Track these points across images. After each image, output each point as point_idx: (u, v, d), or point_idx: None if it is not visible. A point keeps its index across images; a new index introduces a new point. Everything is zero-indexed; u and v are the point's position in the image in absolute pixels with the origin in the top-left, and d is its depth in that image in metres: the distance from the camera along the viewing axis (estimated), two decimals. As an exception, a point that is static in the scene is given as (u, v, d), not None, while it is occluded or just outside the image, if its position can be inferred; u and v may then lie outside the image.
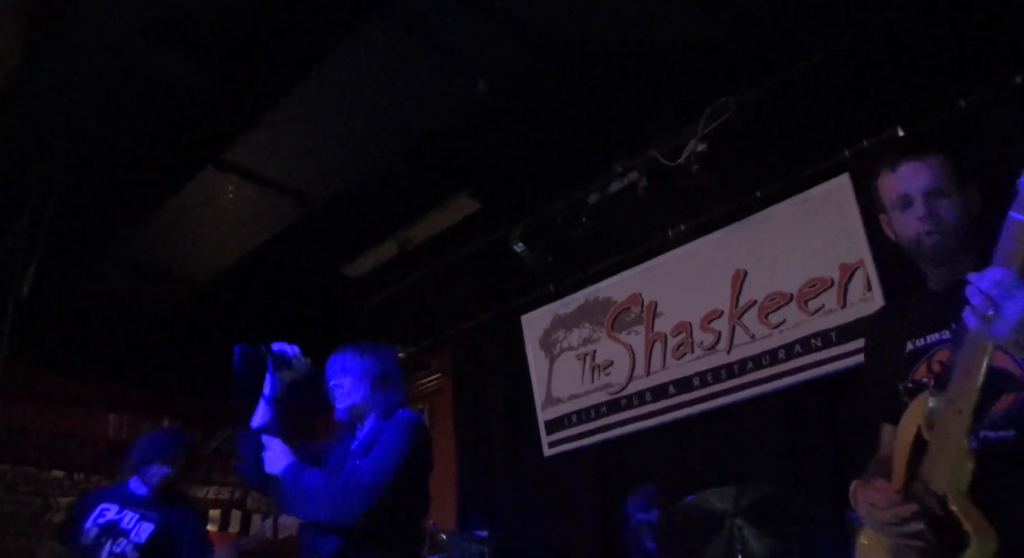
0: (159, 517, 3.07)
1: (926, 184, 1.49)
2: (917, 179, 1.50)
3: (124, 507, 3.09)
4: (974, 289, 1.16)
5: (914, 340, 1.50)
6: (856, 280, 3.09)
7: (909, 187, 1.50)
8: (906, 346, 1.51)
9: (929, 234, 1.47)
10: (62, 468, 4.72)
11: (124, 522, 3.04)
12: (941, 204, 1.48)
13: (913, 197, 1.49)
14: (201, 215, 3.83)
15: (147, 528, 3.04)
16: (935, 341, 1.47)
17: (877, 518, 1.32)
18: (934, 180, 1.49)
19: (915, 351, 1.49)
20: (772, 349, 3.30)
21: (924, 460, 1.28)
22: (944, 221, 1.47)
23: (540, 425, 4.14)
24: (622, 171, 3.70)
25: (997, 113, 2.69)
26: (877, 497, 1.33)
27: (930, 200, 1.48)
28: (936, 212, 1.47)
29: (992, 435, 1.30)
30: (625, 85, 3.44)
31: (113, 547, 2.98)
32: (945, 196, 1.48)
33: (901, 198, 1.51)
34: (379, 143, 3.53)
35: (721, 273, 3.53)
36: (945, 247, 1.48)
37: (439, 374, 4.96)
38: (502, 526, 4.02)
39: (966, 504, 1.21)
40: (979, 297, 1.15)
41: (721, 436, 3.40)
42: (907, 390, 1.48)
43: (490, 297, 4.56)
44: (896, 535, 1.29)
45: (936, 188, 1.48)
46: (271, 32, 3.02)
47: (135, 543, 3.00)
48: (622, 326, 3.93)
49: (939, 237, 1.47)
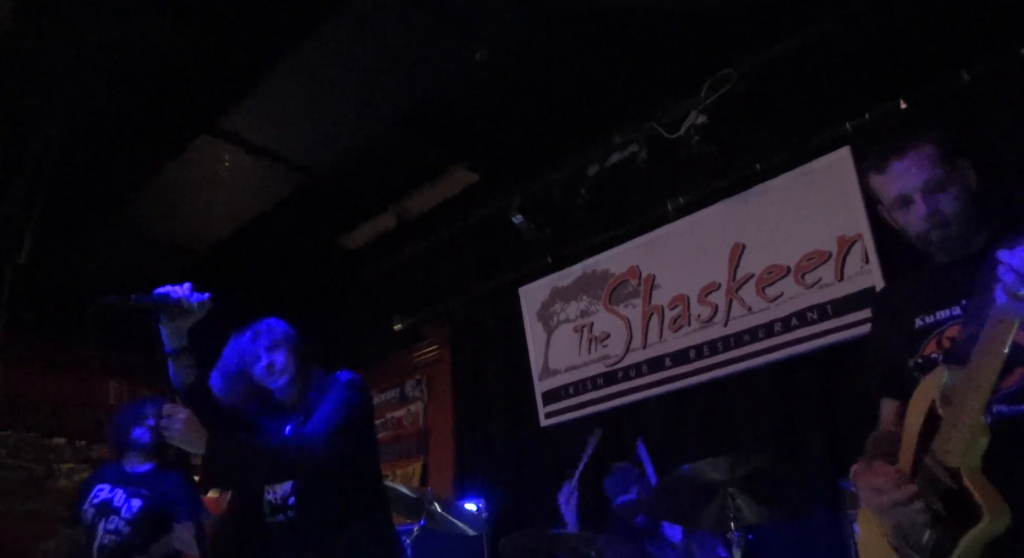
0: (147, 491, 3.19)
1: (922, 182, 1.45)
2: (911, 177, 1.46)
3: (115, 486, 3.22)
4: (1006, 267, 1.13)
5: (923, 316, 1.49)
6: (854, 253, 3.09)
7: (905, 187, 1.47)
8: (915, 322, 1.50)
9: (935, 228, 1.45)
10: (64, 435, 4.77)
11: (115, 500, 3.18)
12: (941, 198, 1.44)
13: (911, 196, 1.46)
14: (198, 184, 3.81)
15: (136, 503, 3.16)
16: (945, 317, 1.46)
17: (880, 501, 1.33)
18: (928, 176, 1.45)
19: (924, 327, 1.49)
20: (768, 322, 3.31)
21: (937, 435, 1.28)
22: (948, 214, 1.44)
23: (537, 396, 4.17)
24: (621, 143, 3.68)
25: (1001, 85, 2.67)
26: (880, 481, 1.33)
27: (929, 197, 1.45)
28: (938, 208, 1.44)
29: (1005, 409, 1.30)
30: (625, 56, 3.40)
31: (107, 525, 3.12)
32: (943, 188, 1.45)
33: (899, 198, 1.48)
34: (376, 113, 3.50)
35: (719, 246, 3.53)
36: (954, 237, 1.46)
37: (437, 346, 4.99)
38: (499, 495, 4.07)
39: (979, 479, 1.21)
40: (1011, 275, 1.12)
41: (717, 407, 3.44)
42: (917, 366, 1.47)
43: (488, 269, 4.56)
44: (900, 516, 1.30)
45: (932, 183, 1.45)
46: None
47: (127, 518, 3.13)
48: (620, 298, 3.94)
49: (945, 231, 1.45)
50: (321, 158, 3.79)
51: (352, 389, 2.12)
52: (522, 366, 4.28)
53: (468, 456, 4.48)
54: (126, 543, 3.06)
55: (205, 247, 4.42)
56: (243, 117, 3.41)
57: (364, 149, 3.85)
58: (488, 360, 4.54)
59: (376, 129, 3.66)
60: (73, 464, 4.76)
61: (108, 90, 3.29)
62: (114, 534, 3.10)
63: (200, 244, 4.38)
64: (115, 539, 3.08)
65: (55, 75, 3.22)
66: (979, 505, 1.18)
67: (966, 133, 2.65)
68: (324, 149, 3.70)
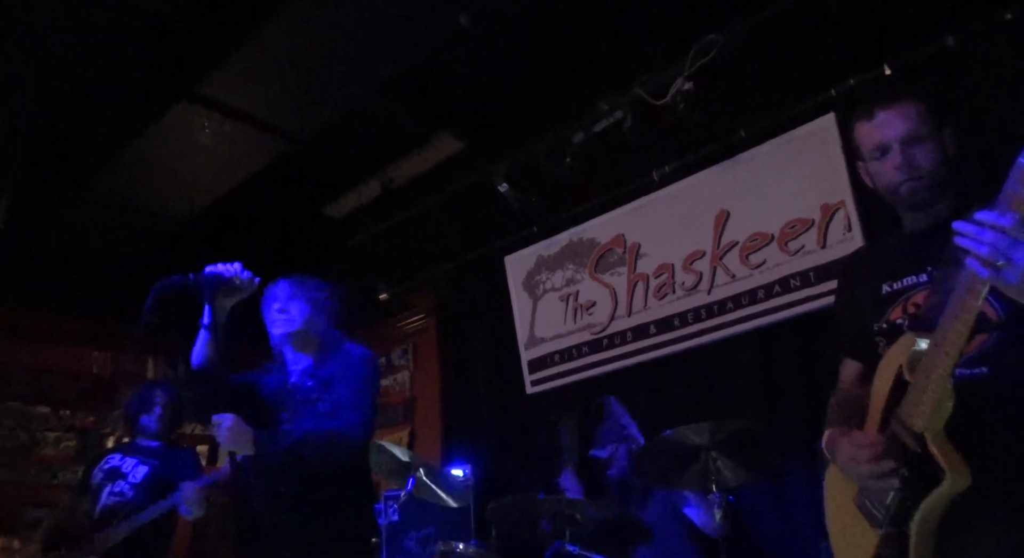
0: (157, 461, 3.32)
1: (903, 132, 1.49)
2: (893, 127, 1.49)
3: (127, 456, 3.36)
4: (977, 239, 1.15)
5: (890, 282, 1.52)
6: (836, 221, 3.11)
7: (885, 136, 1.50)
8: (882, 288, 1.53)
9: (907, 181, 1.48)
10: (48, 404, 4.76)
11: (124, 467, 3.31)
12: (917, 151, 1.48)
13: (890, 146, 1.50)
14: (178, 151, 3.75)
15: (143, 469, 3.29)
16: (911, 283, 1.49)
17: (859, 471, 1.36)
18: (911, 127, 1.48)
19: (891, 293, 1.51)
20: (752, 289, 3.34)
21: (904, 400, 1.31)
22: (921, 168, 1.48)
23: (523, 364, 4.20)
24: (607, 110, 3.65)
25: (985, 51, 2.67)
26: (860, 452, 1.36)
27: (907, 148, 1.48)
28: (913, 160, 1.48)
29: (966, 372, 1.33)
30: (611, 21, 3.36)
31: (112, 488, 3.23)
32: (922, 143, 1.48)
33: (878, 147, 1.51)
34: (359, 78, 3.45)
35: (704, 214, 3.54)
36: (922, 193, 1.49)
37: (423, 314, 5.00)
38: (485, 462, 4.12)
39: (943, 442, 1.24)
40: (986, 247, 1.14)
41: (700, 373, 3.48)
42: (881, 330, 1.51)
43: (474, 238, 4.55)
44: (874, 485, 1.34)
45: (913, 135, 1.48)
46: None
47: (132, 483, 3.24)
48: (605, 267, 3.95)
49: (916, 184, 1.48)
50: (303, 125, 3.74)
51: (372, 368, 2.18)
52: (508, 335, 4.30)
53: (454, 424, 4.52)
54: (127, 504, 3.16)
55: (187, 215, 4.37)
56: (222, 83, 3.35)
57: (347, 116, 3.80)
58: (474, 329, 4.56)
59: (359, 96, 3.61)
60: (59, 432, 4.76)
61: (83, 55, 3.22)
62: (118, 495, 3.21)
63: (182, 212, 4.33)
64: (118, 499, 3.19)
65: (28, 39, 3.14)
66: (942, 468, 1.22)
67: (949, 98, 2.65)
68: (306, 116, 3.65)
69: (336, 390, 2.10)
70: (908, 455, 1.28)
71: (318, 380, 2.14)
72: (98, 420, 4.88)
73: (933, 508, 1.23)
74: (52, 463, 4.70)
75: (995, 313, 1.35)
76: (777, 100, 3.26)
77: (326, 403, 2.10)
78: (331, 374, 2.14)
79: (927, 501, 1.23)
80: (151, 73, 3.33)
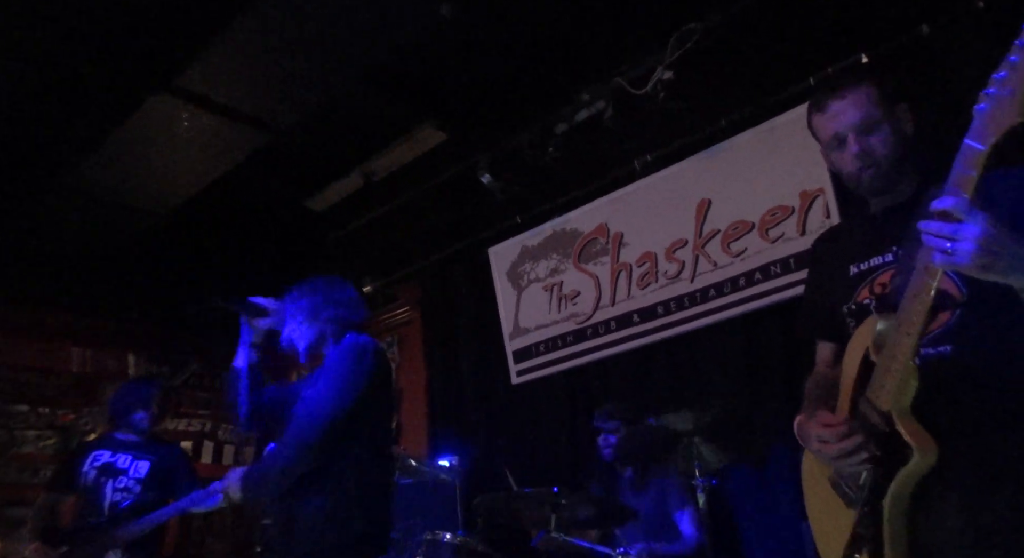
0: (153, 456, 3.33)
1: (855, 121, 1.50)
2: (846, 117, 1.50)
3: (116, 452, 3.32)
4: (928, 227, 1.16)
5: (857, 263, 1.54)
6: (816, 208, 3.15)
7: (840, 126, 1.51)
8: (849, 269, 1.55)
9: (866, 170, 1.50)
10: (27, 402, 4.71)
11: (120, 463, 3.29)
12: (872, 138, 1.49)
13: (845, 135, 1.51)
14: (157, 144, 3.69)
15: (144, 465, 3.30)
16: (878, 264, 1.51)
17: (827, 452, 1.37)
18: (863, 115, 1.49)
19: (858, 274, 1.53)
20: (734, 277, 3.37)
21: (871, 381, 1.33)
22: (877, 155, 1.49)
23: (508, 355, 4.21)
24: (589, 100, 3.66)
25: (960, 39, 2.70)
26: (825, 433, 1.37)
27: (862, 137, 1.49)
28: (869, 148, 1.49)
29: (931, 351, 1.36)
30: (592, 11, 3.35)
31: (115, 484, 3.22)
32: (876, 129, 1.49)
33: (834, 138, 1.52)
34: (339, 69, 3.41)
35: (686, 203, 3.57)
36: (882, 178, 1.50)
37: (408, 306, 4.99)
38: (471, 452, 4.14)
39: (909, 420, 1.26)
40: (933, 236, 1.15)
41: (682, 359, 3.51)
42: (850, 311, 1.53)
43: (457, 229, 4.55)
44: (845, 465, 1.35)
45: (866, 123, 1.49)
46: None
47: (136, 478, 3.26)
48: (589, 257, 3.97)
49: (875, 170, 1.49)
50: (283, 117, 3.70)
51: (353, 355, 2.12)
52: (493, 325, 4.31)
53: (440, 415, 4.54)
54: (141, 501, 3.18)
55: (166, 209, 4.32)
56: (200, 74, 3.30)
57: (328, 108, 3.77)
58: (459, 320, 4.57)
59: (339, 86, 3.58)
60: (39, 430, 4.71)
61: (58, 44, 3.16)
62: (125, 492, 3.20)
63: (161, 206, 4.27)
64: (127, 496, 3.19)
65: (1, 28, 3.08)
66: (909, 446, 1.24)
67: (925, 85, 2.69)
68: (286, 107, 3.61)
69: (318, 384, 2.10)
70: (877, 435, 1.30)
71: (315, 378, 2.17)
72: (78, 417, 4.84)
73: (904, 485, 1.25)
74: (32, 461, 4.64)
75: (958, 290, 1.37)
76: (757, 89, 3.29)
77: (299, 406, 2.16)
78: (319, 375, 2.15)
79: (897, 479, 1.25)
80: (128, 63, 3.27)
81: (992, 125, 1.12)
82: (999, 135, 1.12)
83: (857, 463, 1.33)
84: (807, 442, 1.45)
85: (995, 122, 1.12)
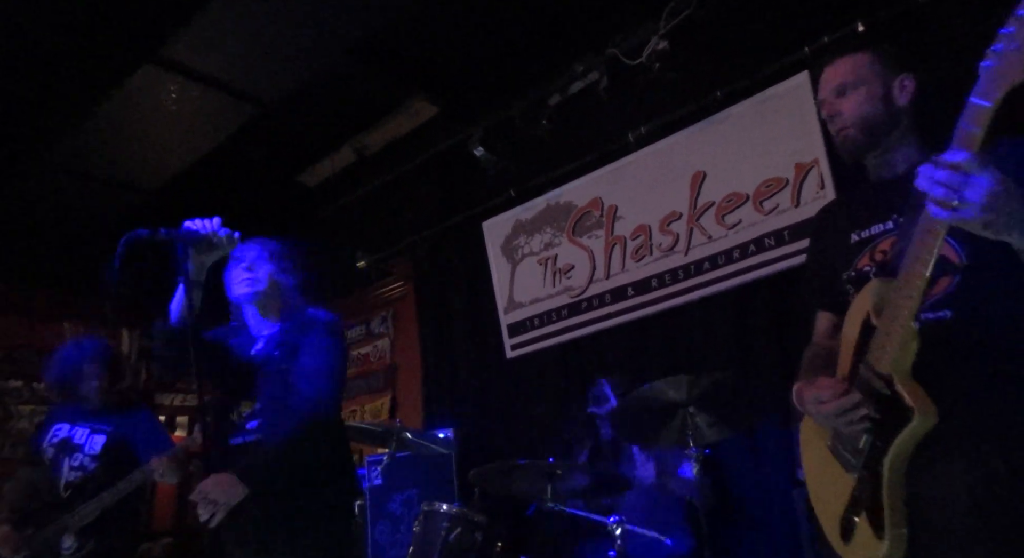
0: (110, 427, 3.11)
1: (834, 84, 1.53)
2: (829, 82, 1.54)
3: (74, 424, 3.12)
4: (932, 180, 1.15)
5: (859, 231, 1.55)
6: (810, 179, 3.14)
7: (824, 91, 1.56)
8: (851, 237, 1.56)
9: (838, 132, 1.52)
10: (20, 377, 4.70)
11: (76, 437, 3.09)
12: (843, 101, 1.51)
13: (826, 99, 1.54)
14: (144, 117, 3.65)
15: (99, 439, 3.09)
16: (878, 231, 1.51)
17: (825, 411, 1.38)
18: (841, 79, 1.52)
19: (859, 242, 1.54)
20: (728, 249, 3.38)
21: (872, 345, 1.34)
22: (844, 116, 1.51)
23: (502, 329, 4.22)
24: (583, 71, 3.63)
25: (956, 7, 2.68)
26: (823, 393, 1.38)
27: (835, 99, 1.52)
28: (837, 109, 1.51)
29: (930, 316, 1.36)
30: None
31: (71, 461, 3.04)
32: (853, 91, 1.50)
33: (821, 103, 1.57)
34: (328, 40, 3.37)
35: (680, 175, 3.55)
36: (851, 141, 1.51)
37: (402, 281, 4.98)
38: (466, 425, 4.16)
39: (909, 382, 1.27)
40: (940, 188, 1.15)
41: (676, 331, 3.53)
42: (850, 279, 1.53)
43: (451, 203, 4.52)
44: (844, 423, 1.36)
45: (842, 86, 1.51)
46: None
47: (91, 454, 3.06)
48: (583, 230, 3.96)
49: (845, 132, 1.51)
50: (273, 89, 3.65)
51: (339, 334, 2.12)
52: (487, 299, 4.31)
53: (436, 389, 4.55)
54: (93, 478, 3.01)
55: (155, 184, 4.28)
56: (187, 45, 3.25)
57: (318, 81, 3.72)
58: (453, 294, 4.56)
59: (329, 58, 3.53)
60: (33, 406, 4.70)
61: (41, 14, 3.10)
62: (79, 469, 3.03)
63: (150, 181, 4.23)
64: (81, 474, 3.02)
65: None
66: (910, 407, 1.24)
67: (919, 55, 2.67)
68: (275, 79, 3.57)
69: (304, 359, 2.05)
70: (877, 397, 1.31)
71: (285, 349, 2.09)
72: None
73: (903, 447, 1.26)
74: (26, 436, 4.64)
75: (957, 256, 1.37)
76: (751, 59, 3.26)
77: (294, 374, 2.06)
78: (296, 341, 2.08)
79: (897, 440, 1.26)
80: (113, 34, 3.21)
81: (999, 81, 1.11)
82: (1005, 91, 1.11)
83: (856, 420, 1.33)
84: (805, 406, 1.47)
85: (1002, 78, 1.11)
